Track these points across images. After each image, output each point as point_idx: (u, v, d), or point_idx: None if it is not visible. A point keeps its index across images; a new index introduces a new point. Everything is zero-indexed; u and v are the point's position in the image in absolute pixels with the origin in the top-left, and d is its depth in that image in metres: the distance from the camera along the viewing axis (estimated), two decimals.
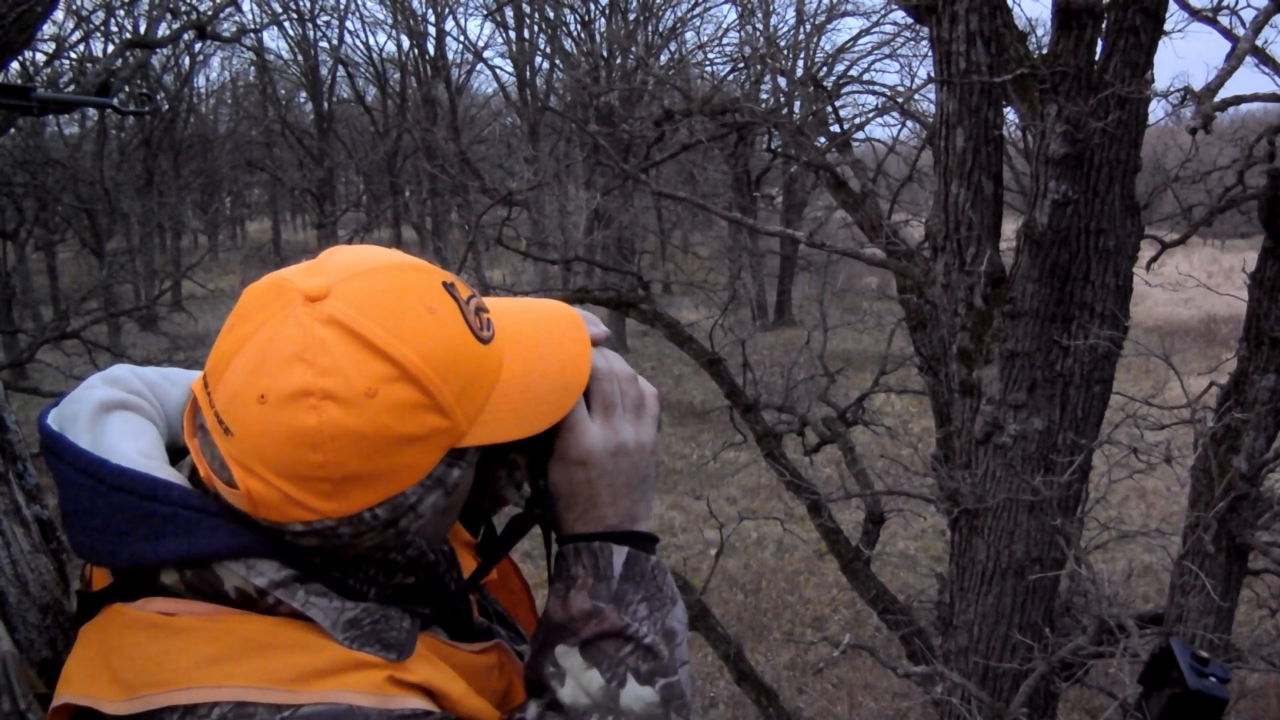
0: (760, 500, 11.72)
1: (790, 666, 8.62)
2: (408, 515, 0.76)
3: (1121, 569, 8.69)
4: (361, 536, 0.76)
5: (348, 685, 0.74)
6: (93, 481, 0.76)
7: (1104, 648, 3.71)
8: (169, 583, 0.76)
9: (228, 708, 0.71)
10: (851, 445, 6.21)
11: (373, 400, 0.71)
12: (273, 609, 0.76)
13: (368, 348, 0.72)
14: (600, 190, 14.60)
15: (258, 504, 0.73)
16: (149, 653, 0.74)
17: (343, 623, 0.77)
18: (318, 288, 0.74)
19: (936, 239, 4.40)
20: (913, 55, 19.05)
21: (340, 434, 0.71)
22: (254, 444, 0.72)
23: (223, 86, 29.44)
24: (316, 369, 0.71)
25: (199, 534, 0.75)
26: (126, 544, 0.75)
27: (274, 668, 0.73)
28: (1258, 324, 3.93)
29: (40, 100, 1.17)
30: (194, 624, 0.74)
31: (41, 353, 9.69)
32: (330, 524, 0.74)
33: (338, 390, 0.70)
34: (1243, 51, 3.17)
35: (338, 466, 0.71)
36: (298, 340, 0.71)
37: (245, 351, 0.73)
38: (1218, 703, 1.08)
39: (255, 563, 0.75)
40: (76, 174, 16.35)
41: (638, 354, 20.59)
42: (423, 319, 0.75)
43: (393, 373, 0.72)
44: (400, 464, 0.74)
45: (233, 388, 0.73)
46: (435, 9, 22.81)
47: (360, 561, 0.79)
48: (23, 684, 0.82)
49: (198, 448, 0.78)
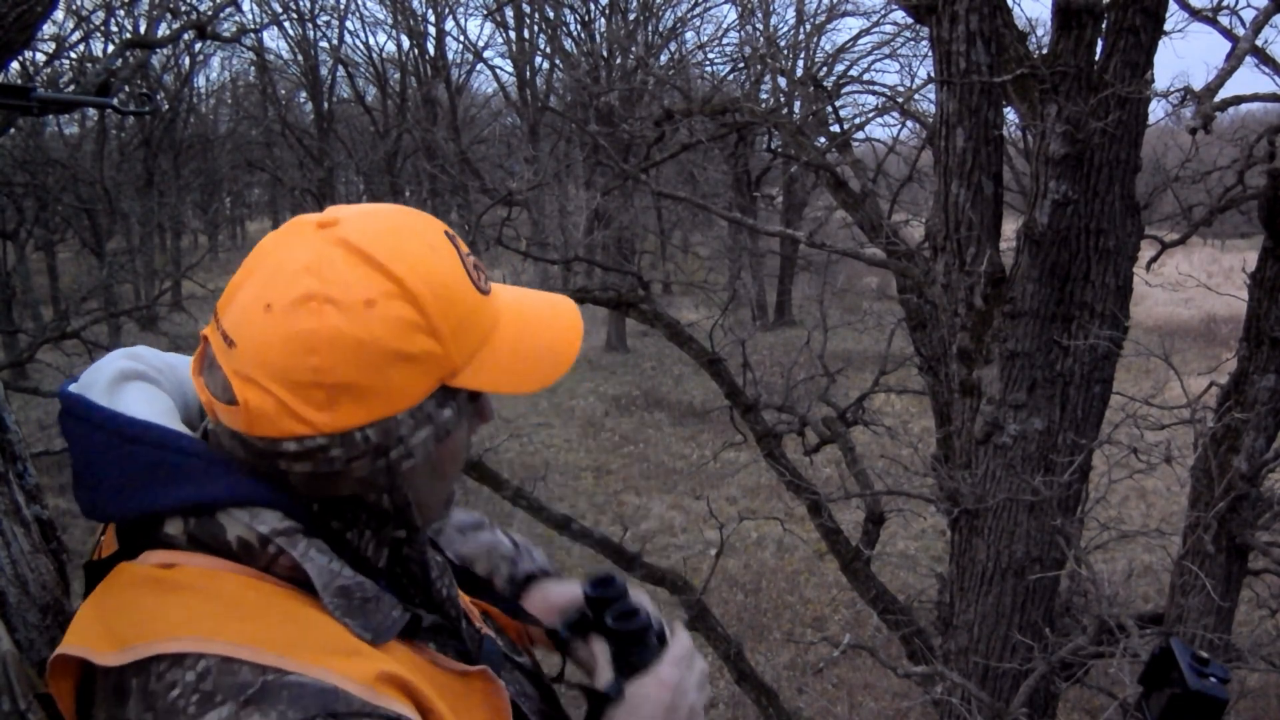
0: (760, 500, 11.72)
1: (790, 666, 8.62)
2: (398, 447, 0.78)
3: (1121, 569, 8.70)
4: (352, 463, 0.77)
5: (337, 669, 0.74)
6: (106, 435, 0.79)
7: (1104, 648, 3.71)
8: (173, 532, 0.78)
9: (213, 660, 0.71)
10: (851, 445, 6.21)
11: (371, 310, 0.75)
12: (273, 560, 0.77)
13: (371, 264, 0.76)
14: (600, 190, 14.61)
15: (254, 416, 0.75)
16: (144, 607, 0.75)
17: (335, 587, 0.78)
18: (329, 218, 0.79)
19: (936, 239, 4.39)
20: (913, 55, 19.09)
21: (337, 339, 0.74)
22: (255, 351, 0.75)
23: (223, 86, 29.46)
24: (321, 279, 0.75)
25: (206, 481, 0.77)
26: (136, 493, 0.77)
27: (265, 633, 0.74)
28: (1258, 324, 3.93)
29: (40, 100, 1.17)
30: (191, 580, 0.76)
31: (41, 353, 9.67)
32: (322, 443, 0.76)
33: (339, 297, 0.74)
34: (1243, 51, 3.17)
35: (332, 372, 0.74)
36: (307, 256, 0.76)
37: (257, 275, 0.77)
38: (1218, 703, 1.07)
39: (259, 511, 0.77)
40: (76, 174, 16.34)
41: (638, 354, 20.60)
42: (424, 252, 0.79)
43: (393, 289, 0.76)
44: (392, 382, 0.76)
45: (242, 304, 0.76)
46: (435, 9, 22.82)
47: (352, 505, 0.81)
48: (23, 684, 0.82)
49: (203, 384, 0.80)
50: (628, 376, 18.65)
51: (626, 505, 12.15)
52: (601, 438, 14.99)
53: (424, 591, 0.90)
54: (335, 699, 0.71)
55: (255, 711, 0.69)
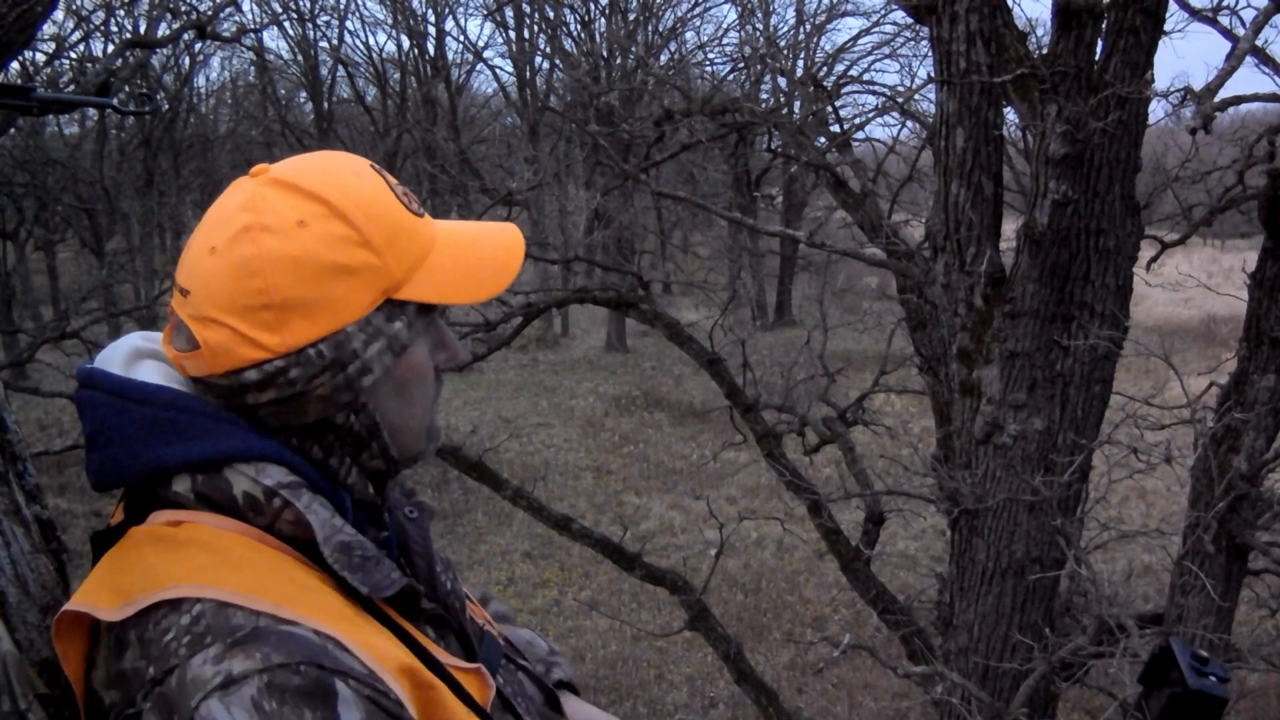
0: (760, 500, 11.72)
1: (790, 666, 8.62)
2: (354, 362, 0.82)
3: (1121, 569, 8.70)
4: (313, 382, 0.80)
5: (340, 630, 0.75)
6: (119, 400, 0.81)
7: (1104, 648, 3.70)
8: (180, 490, 0.80)
9: (209, 605, 0.73)
10: (851, 445, 6.21)
11: (304, 229, 0.80)
12: (277, 516, 0.79)
13: (300, 192, 0.81)
14: (600, 190, 14.60)
15: (215, 352, 0.79)
16: (149, 564, 0.76)
17: (336, 542, 0.80)
18: (259, 168, 0.85)
19: (936, 239, 4.39)
20: (913, 55, 19.07)
21: (276, 259, 0.79)
22: (206, 290, 0.79)
23: (223, 86, 29.37)
24: (256, 211, 0.80)
25: (214, 437, 0.80)
26: (145, 449, 0.80)
27: (264, 584, 0.75)
28: (1258, 324, 3.92)
29: (40, 100, 1.17)
30: (197, 536, 0.78)
31: (41, 353, 9.67)
32: (280, 365, 0.79)
33: (272, 223, 0.79)
34: (1243, 51, 3.17)
35: (276, 291, 0.78)
36: (241, 198, 0.82)
37: (199, 231, 0.83)
38: (1218, 702, 1.07)
39: (265, 466, 0.80)
40: (76, 174, 16.34)
41: (638, 354, 20.60)
42: (349, 178, 0.85)
43: (321, 210, 0.81)
44: (335, 294, 0.80)
45: (189, 256, 0.82)
46: (435, 9, 22.80)
47: (324, 431, 0.84)
48: (23, 684, 0.82)
49: (171, 348, 0.84)
50: (628, 376, 18.65)
51: (626, 505, 12.14)
52: (601, 438, 14.98)
53: (428, 583, 0.90)
54: (323, 653, 0.72)
55: (240, 653, 0.70)
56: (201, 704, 0.68)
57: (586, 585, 10.18)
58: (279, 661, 0.69)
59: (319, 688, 0.70)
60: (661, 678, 8.55)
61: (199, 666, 0.70)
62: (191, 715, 0.68)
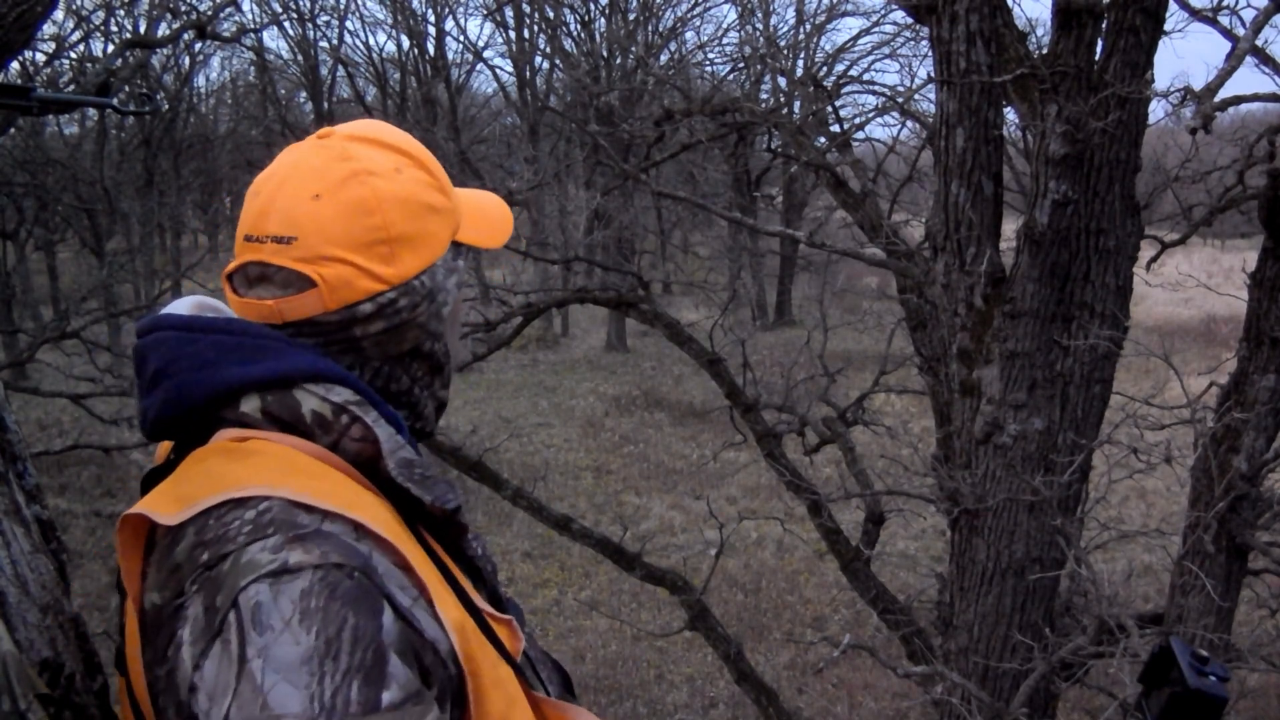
0: (760, 500, 11.72)
1: (790, 666, 8.62)
2: (442, 291, 0.92)
3: (1121, 569, 8.70)
4: (416, 310, 0.90)
5: (401, 543, 0.77)
6: (187, 333, 0.85)
7: (1104, 648, 3.70)
8: (248, 410, 0.82)
9: (277, 502, 0.74)
10: (851, 445, 6.20)
11: (401, 174, 0.90)
12: (344, 433, 0.82)
13: (384, 145, 0.92)
14: (600, 190, 14.60)
15: (335, 287, 0.85)
16: (214, 471, 0.78)
17: (399, 457, 0.84)
18: (323, 131, 0.93)
19: (936, 239, 4.39)
20: (913, 55, 19.04)
21: (386, 197, 0.88)
22: (320, 232, 0.86)
23: (223, 86, 29.38)
24: (356, 160, 0.89)
25: (287, 356, 0.84)
26: (218, 371, 0.82)
27: (331, 489, 0.78)
28: (1258, 324, 3.92)
29: (40, 100, 1.17)
30: (263, 448, 0.80)
31: (41, 353, 9.68)
32: (392, 296, 0.88)
33: (375, 169, 0.89)
34: (1243, 51, 3.16)
35: (390, 226, 0.87)
36: (329, 154, 0.89)
37: (284, 186, 0.88)
38: (1218, 702, 1.08)
39: (333, 386, 0.84)
40: (76, 174, 16.34)
41: (638, 354, 20.60)
42: (409, 137, 0.96)
43: (407, 161, 0.92)
44: (430, 230, 0.91)
45: (284, 207, 0.87)
46: (435, 9, 22.78)
47: (412, 359, 0.92)
48: (23, 684, 0.82)
49: (254, 300, 0.87)
50: (628, 376, 18.64)
51: (626, 505, 12.14)
52: (601, 438, 14.98)
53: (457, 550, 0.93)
54: (376, 569, 0.74)
55: (300, 546, 0.71)
56: (251, 585, 0.69)
57: (586, 585, 10.18)
58: (336, 561, 0.71)
59: (368, 596, 0.71)
60: (661, 678, 8.55)
61: (256, 552, 0.71)
62: (236, 596, 0.69)
